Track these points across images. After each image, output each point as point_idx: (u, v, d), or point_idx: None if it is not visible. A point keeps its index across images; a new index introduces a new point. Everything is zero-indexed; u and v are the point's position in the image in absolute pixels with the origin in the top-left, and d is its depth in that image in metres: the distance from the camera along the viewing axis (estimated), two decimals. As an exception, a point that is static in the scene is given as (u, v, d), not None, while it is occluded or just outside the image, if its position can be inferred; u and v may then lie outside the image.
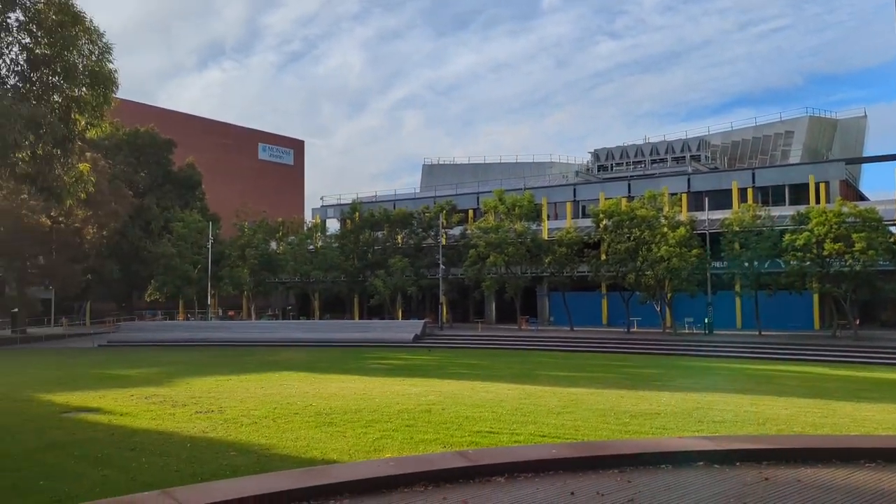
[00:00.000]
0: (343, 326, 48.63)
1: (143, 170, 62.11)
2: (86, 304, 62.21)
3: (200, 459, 11.34)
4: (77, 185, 12.65)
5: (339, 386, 21.85)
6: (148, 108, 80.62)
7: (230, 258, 56.08)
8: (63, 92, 11.34)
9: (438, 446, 12.14)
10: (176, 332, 48.68)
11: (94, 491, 9.44)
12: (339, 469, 9.90)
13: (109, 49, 11.79)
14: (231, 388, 21.59)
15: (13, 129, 9.95)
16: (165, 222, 59.07)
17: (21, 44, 10.81)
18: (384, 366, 29.74)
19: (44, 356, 36.77)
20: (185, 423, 14.97)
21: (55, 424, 15.05)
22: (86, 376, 25.84)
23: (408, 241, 55.45)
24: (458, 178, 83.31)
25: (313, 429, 13.98)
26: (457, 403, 17.43)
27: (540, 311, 54.73)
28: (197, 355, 36.05)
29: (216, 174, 79.34)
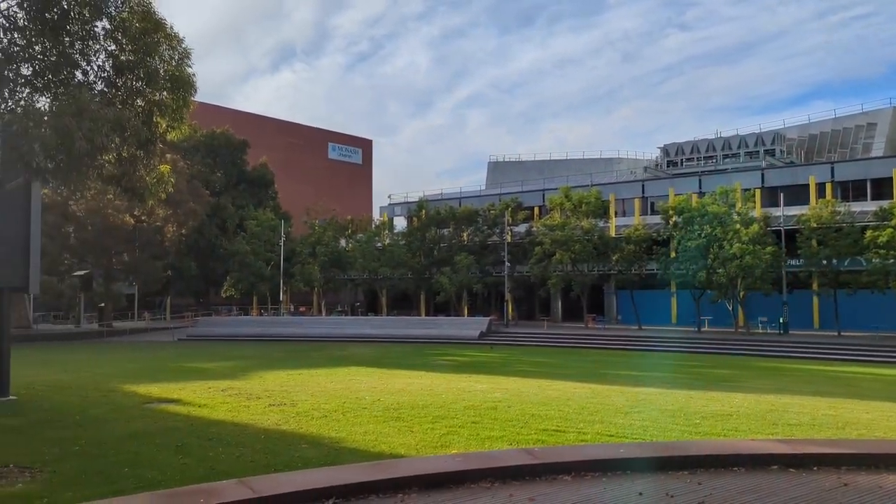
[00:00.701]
0: (409, 323, 49.11)
1: (219, 170, 64.16)
2: (166, 300, 64.76)
3: (274, 451, 11.69)
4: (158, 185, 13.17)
5: (407, 381, 22.13)
6: (223, 111, 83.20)
7: (301, 255, 57.40)
8: (146, 96, 11.82)
9: (504, 443, 12.20)
10: (250, 327, 50.12)
11: (175, 478, 9.84)
12: (407, 463, 10.09)
13: (188, 54, 12.21)
14: (302, 381, 22.15)
15: (100, 133, 10.44)
16: (240, 221, 60.91)
17: (107, 51, 11.31)
18: (450, 362, 29.94)
19: (128, 349, 38.50)
20: (259, 415, 15.45)
21: (139, 414, 15.76)
22: (166, 369, 26.96)
23: (473, 238, 55.57)
24: (523, 175, 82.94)
25: (381, 423, 14.23)
26: (522, 401, 17.43)
27: (607, 310, 54.02)
28: (269, 350, 37.08)
29: (288, 173, 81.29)
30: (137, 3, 11.18)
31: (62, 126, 10.09)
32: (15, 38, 10.45)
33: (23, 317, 48.20)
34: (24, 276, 18.74)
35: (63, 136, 10.13)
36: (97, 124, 10.39)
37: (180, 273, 58.79)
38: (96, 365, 28.45)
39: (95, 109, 10.44)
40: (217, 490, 8.20)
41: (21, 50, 10.49)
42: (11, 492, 9.16)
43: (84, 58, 11.07)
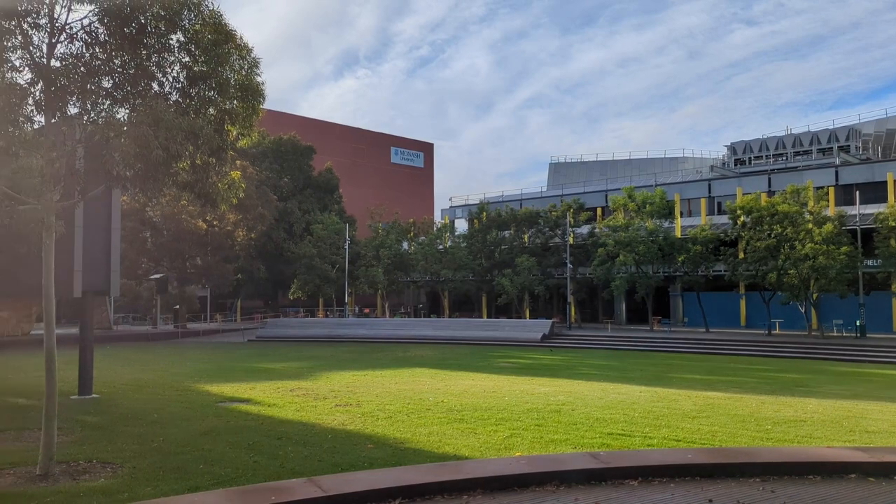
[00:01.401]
0: (471, 325, 49.20)
1: (287, 175, 65.64)
2: (237, 302, 66.63)
3: (340, 450, 11.92)
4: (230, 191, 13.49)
5: (469, 383, 22.21)
6: (289, 117, 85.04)
7: (365, 258, 58.21)
8: (217, 105, 12.13)
9: (568, 447, 12.13)
10: (316, 328, 51.04)
11: (246, 475, 10.16)
12: (472, 465, 10.15)
13: (257, 63, 12.49)
14: (367, 382, 22.49)
15: (175, 141, 10.77)
16: (306, 224, 62.18)
17: (181, 62, 11.66)
18: (512, 364, 29.87)
19: (201, 349, 39.74)
20: (326, 415, 15.78)
21: (212, 413, 16.30)
22: (237, 369, 27.73)
23: (535, 240, 55.26)
24: (585, 175, 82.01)
25: (445, 425, 14.34)
26: (586, 404, 17.29)
27: (673, 312, 52.93)
28: (335, 351, 37.72)
29: (352, 177, 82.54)
30: (209, 16, 11.52)
31: (140, 136, 10.48)
32: (97, 53, 10.92)
33: (104, 318, 50.40)
34: (105, 279, 19.68)
35: (141, 145, 10.52)
36: (172, 133, 10.74)
37: (250, 276, 60.40)
38: (172, 365, 29.52)
39: (171, 119, 10.79)
40: (287, 488, 8.44)
41: (102, 63, 10.94)
42: (94, 486, 9.61)
43: (160, 69, 11.47)
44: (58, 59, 10.73)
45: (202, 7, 11.31)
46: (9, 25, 10.20)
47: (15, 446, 12.41)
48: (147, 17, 10.79)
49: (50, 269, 10.97)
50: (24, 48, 10.52)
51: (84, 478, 10.10)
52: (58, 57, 10.74)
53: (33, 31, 10.53)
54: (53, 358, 10.81)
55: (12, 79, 10.83)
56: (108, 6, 10.43)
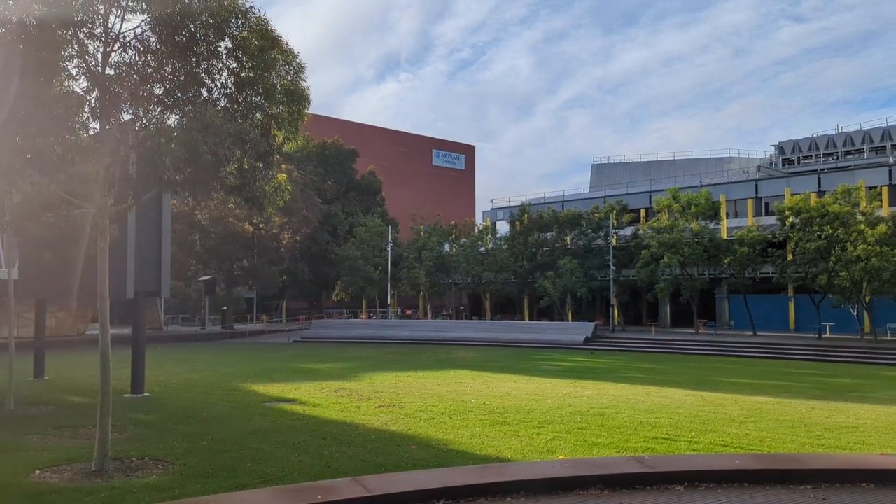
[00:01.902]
0: (513, 327, 49.05)
1: (330, 178, 66.42)
2: (282, 303, 67.67)
3: (384, 451, 12.03)
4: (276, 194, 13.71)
5: (511, 386, 22.17)
6: (333, 121, 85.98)
7: (407, 260, 58.54)
8: (264, 110, 12.32)
9: (612, 450, 12.05)
10: (359, 329, 51.51)
11: (293, 474, 10.32)
12: (516, 468, 10.15)
13: (303, 68, 12.65)
14: (410, 384, 22.62)
15: (224, 146, 10.99)
16: (350, 227, 62.83)
17: (229, 69, 11.87)
18: (555, 367, 29.72)
19: (248, 350, 40.46)
20: (370, 415, 15.93)
21: (259, 412, 16.60)
22: (283, 369, 28.15)
23: (577, 242, 54.84)
24: (628, 176, 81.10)
25: (487, 427, 14.35)
26: (630, 408, 17.12)
27: (719, 315, 51.99)
28: (378, 352, 38.01)
29: (394, 180, 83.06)
30: (256, 22, 11.73)
31: (190, 141, 10.73)
32: (148, 61, 11.22)
33: (155, 319, 51.67)
34: (156, 281, 20.23)
35: (191, 150, 10.76)
36: (221, 138, 10.97)
37: (295, 277, 61.24)
38: (220, 365, 30.13)
39: (219, 124, 11.02)
40: (333, 487, 8.56)
41: (154, 71, 11.24)
42: (147, 483, 9.87)
43: (209, 76, 11.71)
44: (112, 67, 11.06)
45: (249, 14, 11.54)
46: (66, 35, 10.54)
47: (72, 443, 12.83)
48: (196, 25, 11.03)
49: (104, 271, 11.31)
50: (80, 57, 10.88)
51: (137, 474, 10.39)
52: (112, 65, 11.06)
53: (89, 40, 10.87)
54: (108, 357, 11.14)
55: (69, 87, 11.22)
56: (160, 15, 10.70)
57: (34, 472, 10.47)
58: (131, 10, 10.82)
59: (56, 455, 11.62)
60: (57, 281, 21.26)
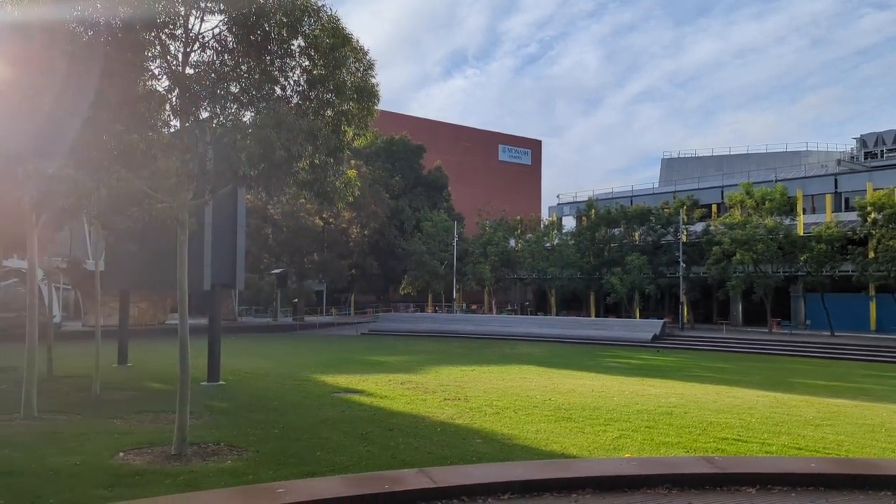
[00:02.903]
0: (579, 323, 48.55)
1: (398, 174, 67.17)
2: (351, 296, 68.90)
3: (449, 444, 12.13)
4: (346, 189, 13.96)
5: (577, 382, 22.00)
6: (400, 117, 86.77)
7: (473, 255, 58.67)
8: (335, 107, 12.53)
9: (680, 450, 11.84)
10: (425, 323, 51.90)
11: (360, 464, 10.53)
12: (581, 464, 10.10)
13: (372, 66, 12.82)
14: (475, 378, 22.71)
15: (296, 142, 11.26)
16: (417, 222, 63.41)
17: (301, 67, 12.13)
18: (621, 364, 29.31)
19: (317, 341, 41.37)
20: (435, 408, 16.09)
21: (327, 403, 16.98)
22: (351, 361, 28.68)
23: (645, 238, 53.81)
24: (699, 171, 79.00)
25: (552, 423, 14.30)
26: (700, 407, 16.76)
27: (794, 314, 50.20)
28: (443, 346, 38.26)
29: (460, 175, 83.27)
30: (328, 21, 11.95)
31: (264, 137, 11.05)
32: (225, 60, 11.58)
33: (230, 310, 53.42)
34: (231, 274, 20.95)
35: (265, 146, 11.08)
36: (293, 135, 11.25)
37: (363, 271, 62.21)
38: (291, 355, 30.92)
39: (292, 121, 11.30)
40: (400, 478, 8.70)
41: (230, 70, 11.59)
42: (223, 467, 10.25)
43: (282, 74, 12.00)
44: (191, 66, 11.47)
45: (321, 13, 11.78)
46: (149, 37, 11.00)
47: (153, 427, 13.42)
48: (271, 24, 11.33)
49: (184, 264, 11.76)
50: (162, 57, 11.33)
51: (213, 459, 10.79)
52: (191, 65, 11.47)
53: (170, 41, 11.31)
54: (186, 347, 11.60)
55: (152, 86, 11.71)
56: (236, 15, 11.05)
57: (118, 453, 11.01)
58: (210, 10, 11.19)
59: (138, 438, 12.18)
60: (140, 272, 22.26)
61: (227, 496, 8.11)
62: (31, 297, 15.19)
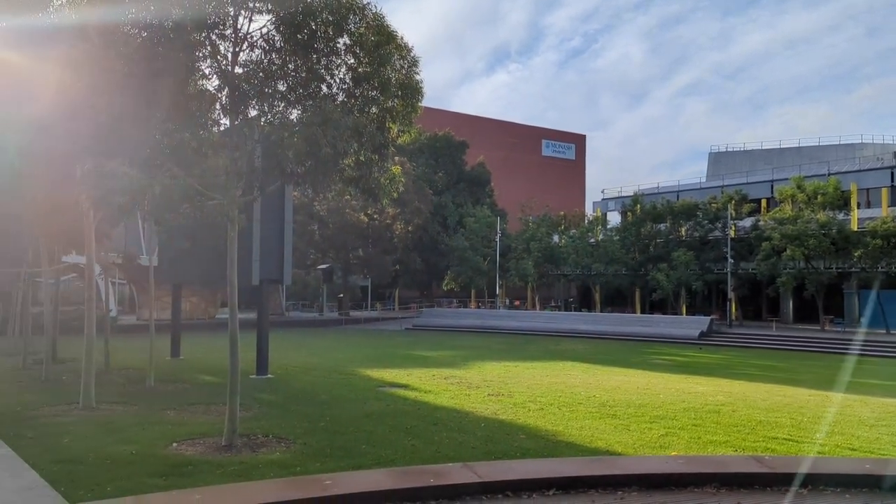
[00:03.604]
0: (624, 320, 48.04)
1: (441, 170, 67.38)
2: (395, 291, 69.47)
3: (493, 439, 12.17)
4: (391, 185, 14.07)
5: (622, 379, 21.81)
6: (444, 113, 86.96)
7: (516, 251, 58.51)
8: (379, 104, 12.63)
9: (728, 449, 11.67)
10: (468, 319, 51.99)
11: (405, 457, 10.62)
12: (627, 461, 10.05)
13: (417, 62, 12.87)
14: (518, 374, 22.70)
15: (342, 140, 11.39)
16: (459, 218, 63.53)
17: (347, 64, 12.25)
18: (667, 362, 28.94)
19: (362, 336, 41.79)
20: (479, 404, 16.14)
21: (372, 396, 17.17)
22: (396, 355, 28.92)
23: (692, 233, 52.93)
24: (748, 165, 77.29)
25: (597, 419, 14.23)
26: (748, 406, 16.47)
27: (847, 311, 48.80)
28: (487, 341, 38.28)
29: (503, 171, 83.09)
30: (372, 18, 12.05)
31: (311, 135, 11.21)
32: (273, 59, 11.79)
33: (277, 305, 54.39)
34: (279, 269, 21.34)
35: (311, 143, 11.24)
36: (339, 132, 11.38)
37: (407, 267, 62.62)
38: (337, 349, 31.32)
39: (337, 118, 11.42)
40: (445, 472, 8.79)
41: (278, 68, 11.80)
42: (271, 459, 10.47)
43: (328, 72, 12.14)
44: (240, 66, 11.69)
45: (366, 11, 11.88)
46: (200, 37, 11.26)
47: (204, 418, 13.77)
48: (317, 22, 11.48)
49: (233, 259, 12.03)
50: (212, 57, 11.59)
51: (262, 450, 11.03)
52: (240, 64, 11.70)
53: (220, 41, 11.56)
54: (236, 340, 11.86)
55: (202, 86, 11.98)
56: (284, 15, 11.23)
57: (172, 444, 11.34)
58: (258, 10, 11.40)
59: (190, 429, 12.52)
60: (191, 268, 22.81)
61: (277, 487, 8.31)
62: (89, 291, 15.71)
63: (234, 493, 7.96)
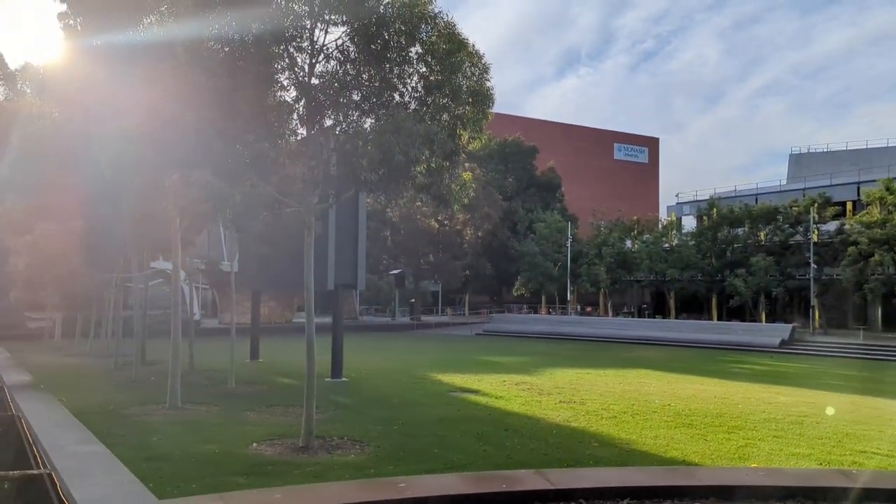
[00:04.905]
0: (699, 327, 46.73)
1: (511, 175, 67.36)
2: (465, 297, 69.77)
3: (565, 446, 12.06)
4: (461, 191, 14.18)
5: (698, 388, 21.26)
6: (513, 119, 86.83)
7: (587, 256, 57.81)
8: (450, 111, 12.73)
9: (812, 462, 11.23)
10: (538, 325, 51.65)
11: (476, 463, 10.66)
12: (704, 472, 9.82)
13: (487, 69, 12.93)
14: (591, 381, 22.42)
15: (414, 147, 11.55)
16: (529, 223, 63.31)
17: (419, 73, 12.42)
18: (746, 370, 28.03)
19: (434, 341, 42.11)
20: (551, 410, 16.03)
21: (444, 401, 17.29)
22: (466, 361, 29.01)
23: (772, 238, 51.10)
24: (831, 166, 74.08)
25: (672, 429, 13.93)
26: (834, 418, 15.80)
27: (943, 320, 46.17)
28: (557, 348, 37.97)
29: (574, 175, 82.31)
30: (444, 27, 12.18)
31: (384, 143, 11.41)
32: (348, 69, 12.06)
33: (351, 310, 55.47)
34: (353, 274, 21.79)
35: (385, 151, 11.44)
36: (411, 139, 11.54)
37: (477, 273, 62.81)
38: (409, 354, 31.68)
39: (410, 126, 11.59)
40: (517, 478, 8.80)
41: (352, 79, 12.07)
42: (346, 461, 10.69)
43: (401, 81, 12.33)
44: (316, 77, 12.02)
45: (438, 19, 12.02)
46: (278, 50, 11.65)
47: (282, 420, 14.18)
48: (390, 32, 11.69)
49: (310, 265, 12.36)
50: (290, 69, 11.96)
51: (337, 452, 11.27)
52: (316, 75, 12.03)
53: (297, 53, 11.92)
54: (313, 344, 12.17)
55: (281, 97, 12.39)
56: (358, 26, 11.49)
57: (252, 444, 11.72)
58: (333, 23, 11.71)
59: (269, 430, 12.91)
60: (270, 273, 23.52)
61: (352, 488, 8.49)
62: (175, 295, 16.42)
63: (312, 494, 8.18)
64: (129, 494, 8.32)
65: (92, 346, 30.02)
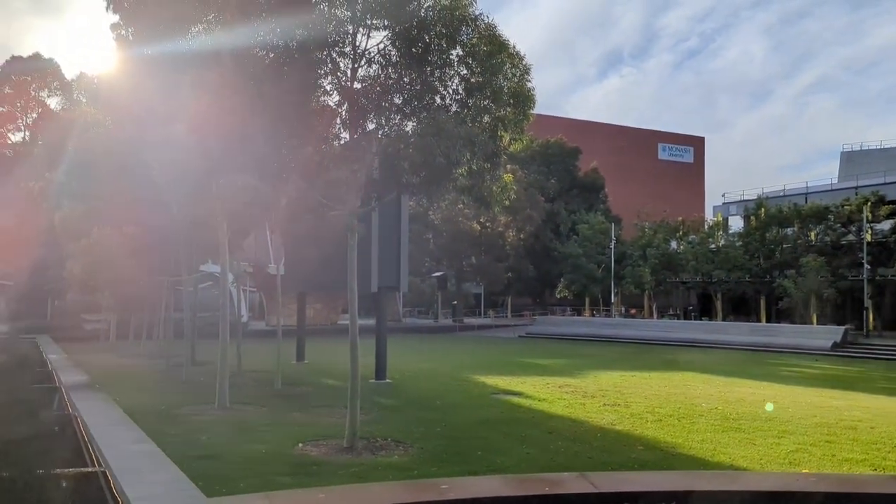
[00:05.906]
0: (748, 329, 45.73)
1: (553, 177, 67.05)
2: (507, 299, 69.67)
3: (609, 450, 11.94)
4: (503, 193, 14.19)
5: (746, 391, 20.82)
6: (555, 120, 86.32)
7: (632, 258, 57.17)
8: (491, 113, 12.75)
9: (867, 467, 10.93)
10: (582, 327, 51.22)
11: (519, 465, 10.62)
12: (752, 477, 9.65)
13: (528, 70, 12.90)
14: (635, 384, 22.16)
15: (455, 149, 11.59)
16: (572, 225, 62.94)
17: (460, 75, 12.47)
18: (796, 374, 27.35)
19: (476, 343, 42.09)
20: (594, 413, 15.89)
21: (487, 403, 17.28)
22: (509, 363, 28.92)
23: (823, 238, 49.83)
24: (885, 164, 71.73)
25: (719, 433, 13.68)
26: (889, 423, 15.31)
27: None
28: (601, 350, 37.59)
29: (617, 176, 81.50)
30: (484, 29, 12.21)
31: (425, 146, 11.49)
32: (389, 73, 12.19)
33: (394, 312, 55.90)
34: (396, 277, 21.96)
35: (426, 154, 11.52)
36: (452, 142, 11.59)
37: (519, 275, 62.64)
38: (452, 355, 31.74)
39: (451, 129, 11.64)
40: (560, 481, 8.76)
41: (394, 83, 12.18)
42: (390, 462, 10.77)
43: (441, 84, 12.40)
44: (359, 81, 12.18)
45: (479, 21, 12.06)
46: (321, 55, 11.83)
47: (326, 420, 14.34)
48: (431, 36, 11.77)
49: (353, 267, 12.49)
50: (333, 74, 12.13)
51: (381, 453, 11.36)
52: (359, 79, 12.18)
53: (340, 58, 12.09)
54: (356, 346, 12.29)
55: (324, 102, 12.58)
56: (399, 30, 11.61)
57: (298, 444, 11.89)
58: (375, 27, 11.85)
59: (315, 431, 13.07)
60: (314, 276, 23.85)
61: (396, 489, 8.57)
62: (223, 298, 16.76)
63: (356, 494, 8.28)
64: (179, 492, 8.53)
65: (145, 347, 30.80)
